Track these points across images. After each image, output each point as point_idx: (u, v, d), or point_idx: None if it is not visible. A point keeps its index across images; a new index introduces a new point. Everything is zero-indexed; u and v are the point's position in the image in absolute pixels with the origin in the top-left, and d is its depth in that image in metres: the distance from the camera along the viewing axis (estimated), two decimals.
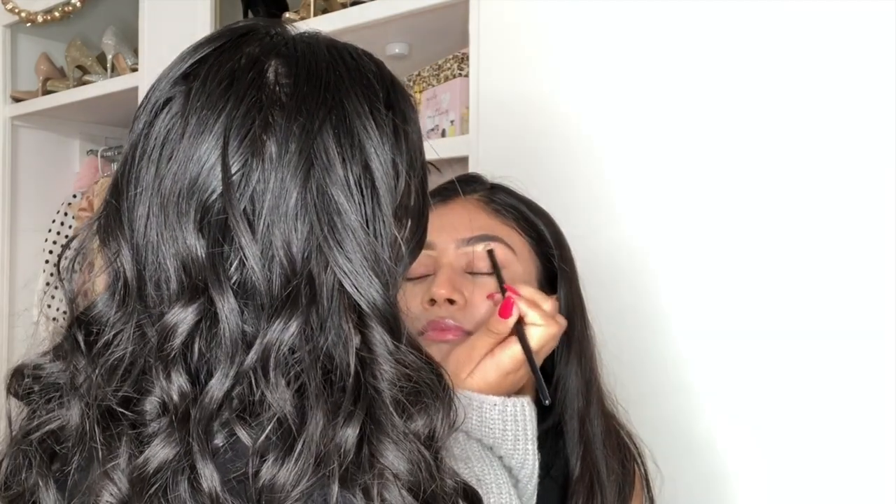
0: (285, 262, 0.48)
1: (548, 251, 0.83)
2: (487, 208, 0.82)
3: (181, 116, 0.50)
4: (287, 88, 0.50)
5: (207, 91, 0.50)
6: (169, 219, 0.49)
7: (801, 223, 0.92)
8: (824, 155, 0.91)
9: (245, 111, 0.49)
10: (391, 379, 0.49)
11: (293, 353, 0.47)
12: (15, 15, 2.01)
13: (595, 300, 0.84)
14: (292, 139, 0.48)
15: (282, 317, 0.47)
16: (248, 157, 0.48)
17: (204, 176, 0.48)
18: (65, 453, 0.50)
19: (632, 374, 0.99)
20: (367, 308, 0.49)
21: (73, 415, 0.49)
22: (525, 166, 1.13)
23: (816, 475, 0.91)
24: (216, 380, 0.47)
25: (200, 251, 0.48)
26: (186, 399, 0.47)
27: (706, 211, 0.99)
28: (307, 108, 0.49)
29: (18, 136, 2.12)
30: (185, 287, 0.48)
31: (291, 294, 0.47)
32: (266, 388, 0.47)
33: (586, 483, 0.77)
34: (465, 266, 0.79)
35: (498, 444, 0.69)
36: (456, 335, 0.77)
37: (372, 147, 0.50)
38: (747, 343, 0.95)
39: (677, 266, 1.01)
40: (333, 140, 0.49)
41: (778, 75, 0.94)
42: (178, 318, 0.48)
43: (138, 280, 0.50)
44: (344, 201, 0.49)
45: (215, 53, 0.52)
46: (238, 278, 0.48)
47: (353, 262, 0.49)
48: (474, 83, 1.20)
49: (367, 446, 0.47)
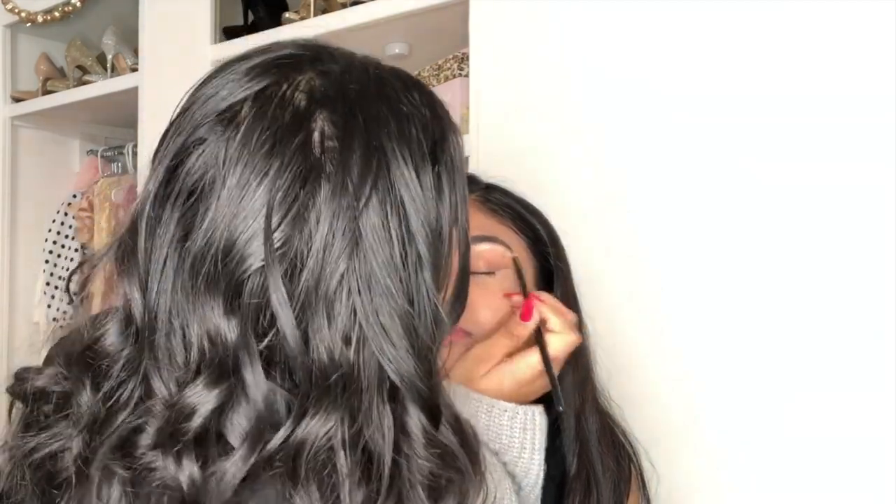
0: (322, 348, 0.44)
1: (543, 250, 0.83)
2: (483, 208, 0.82)
3: (216, 169, 0.46)
4: (334, 154, 0.46)
5: (249, 148, 0.45)
6: (196, 284, 0.45)
7: (796, 219, 0.92)
8: (821, 154, 0.91)
9: (290, 182, 0.44)
10: (426, 470, 0.45)
11: (329, 449, 0.43)
12: (15, 15, 2.01)
13: (589, 298, 0.85)
14: (337, 217, 0.44)
15: (321, 409, 0.43)
16: (290, 234, 0.44)
17: (240, 247, 0.44)
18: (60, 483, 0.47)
19: (628, 373, 0.99)
20: (407, 393, 0.46)
21: (73, 448, 0.46)
22: (525, 166, 1.13)
23: (814, 475, 0.91)
24: (236, 459, 0.43)
25: (232, 332, 0.44)
26: (196, 487, 0.43)
27: (703, 210, 0.99)
28: (353, 182, 0.45)
29: (18, 136, 2.12)
30: (208, 361, 0.44)
31: (331, 385, 0.44)
32: (293, 487, 0.43)
33: (583, 480, 0.77)
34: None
35: (504, 450, 0.69)
36: (456, 336, 0.76)
37: (419, 218, 0.47)
38: (745, 342, 0.95)
39: (675, 265, 1.01)
40: (379, 216, 0.45)
41: (778, 75, 0.94)
42: (198, 399, 0.44)
43: (150, 329, 0.46)
44: (390, 282, 0.45)
45: (259, 96, 0.47)
46: (268, 356, 0.45)
47: (397, 348, 0.45)
48: (474, 83, 1.20)
49: None
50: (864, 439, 0.88)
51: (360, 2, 1.39)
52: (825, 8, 0.91)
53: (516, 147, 1.15)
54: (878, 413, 0.87)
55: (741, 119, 0.96)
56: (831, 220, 0.90)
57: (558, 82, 1.12)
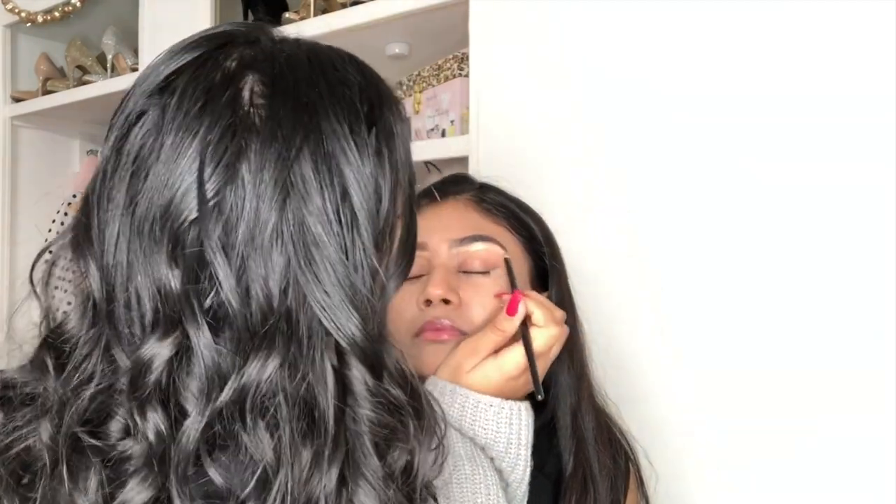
0: (261, 296, 0.45)
1: (538, 249, 0.83)
2: (478, 208, 0.83)
3: (155, 134, 0.47)
4: (263, 110, 0.47)
5: (183, 110, 0.47)
6: (143, 244, 0.47)
7: (795, 219, 0.92)
8: (820, 154, 0.91)
9: (220, 136, 0.46)
10: (371, 420, 0.47)
11: (271, 394, 0.45)
12: (15, 15, 2.01)
13: (587, 298, 0.85)
14: (267, 167, 0.46)
15: (259, 355, 0.45)
16: (222, 186, 0.46)
17: (177, 202, 0.46)
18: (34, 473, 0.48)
19: (625, 372, 0.99)
20: (345, 345, 0.47)
21: (43, 434, 0.47)
22: (525, 166, 1.13)
23: (813, 474, 0.91)
24: (192, 419, 0.45)
25: (175, 283, 0.46)
26: (163, 439, 0.45)
27: (701, 210, 0.99)
28: (283, 133, 0.47)
29: (18, 136, 2.12)
30: (159, 318, 0.46)
31: (269, 331, 0.45)
32: (242, 430, 0.45)
33: (579, 479, 0.78)
34: (459, 266, 0.79)
35: (490, 444, 0.69)
36: (451, 335, 0.77)
37: (351, 172, 0.48)
38: (743, 340, 0.95)
39: (673, 265, 1.01)
40: (311, 167, 0.47)
41: (778, 75, 0.94)
42: (152, 352, 0.45)
43: (107, 301, 0.48)
44: (322, 232, 0.46)
45: (192, 66, 0.49)
46: (214, 310, 0.46)
47: (331, 297, 0.46)
48: (474, 83, 1.20)
49: (344, 489, 0.46)
50: (864, 439, 0.88)
51: (360, 2, 1.39)
52: (825, 8, 0.91)
53: (516, 147, 1.15)
54: (878, 413, 0.87)
55: (741, 119, 0.96)
56: (831, 220, 0.90)
57: (558, 82, 1.12)
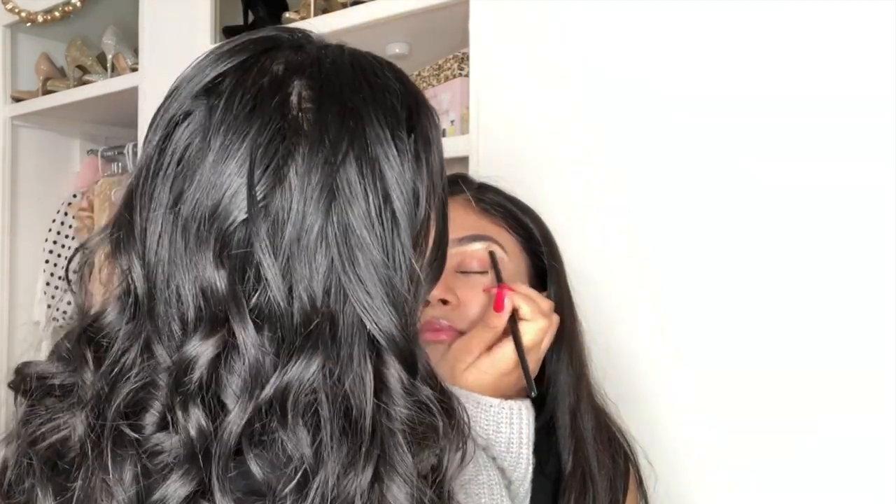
0: (305, 296, 0.47)
1: (537, 248, 0.83)
2: (476, 208, 0.83)
3: (202, 136, 0.48)
4: (310, 114, 0.49)
5: (232, 112, 0.48)
6: (189, 244, 0.47)
7: (794, 219, 0.92)
8: (820, 154, 0.91)
9: (269, 139, 0.47)
10: (405, 419, 0.48)
11: (313, 393, 0.46)
12: (15, 15, 2.01)
13: (585, 298, 0.85)
14: (315, 171, 0.47)
15: (302, 355, 0.46)
16: (271, 189, 0.47)
17: (226, 203, 0.47)
18: (66, 466, 0.49)
19: (625, 371, 0.99)
20: (385, 343, 0.48)
21: (78, 427, 0.48)
22: (525, 166, 1.13)
23: (813, 474, 0.91)
24: (234, 414, 0.46)
25: (221, 283, 0.47)
26: (205, 435, 0.46)
27: (701, 210, 0.99)
28: (330, 138, 0.48)
29: (18, 136, 2.12)
30: (203, 317, 0.47)
31: (312, 331, 0.47)
32: (282, 429, 0.46)
33: (578, 478, 0.78)
34: (457, 266, 0.79)
35: (491, 444, 0.69)
36: (449, 335, 0.77)
37: (393, 177, 0.49)
38: (742, 340, 0.95)
39: (672, 264, 1.01)
40: (356, 171, 0.48)
41: (777, 76, 0.94)
42: (197, 350, 0.46)
43: (149, 297, 0.49)
44: (366, 234, 0.48)
45: (239, 68, 0.50)
46: (258, 310, 0.47)
47: (373, 298, 0.48)
48: (474, 83, 1.20)
49: (377, 484, 0.47)
50: (864, 439, 0.88)
51: (360, 2, 1.39)
52: (825, 8, 0.91)
53: (516, 147, 1.15)
54: (878, 413, 0.87)
55: (740, 119, 0.96)
56: (831, 220, 0.90)
57: (558, 82, 1.12)
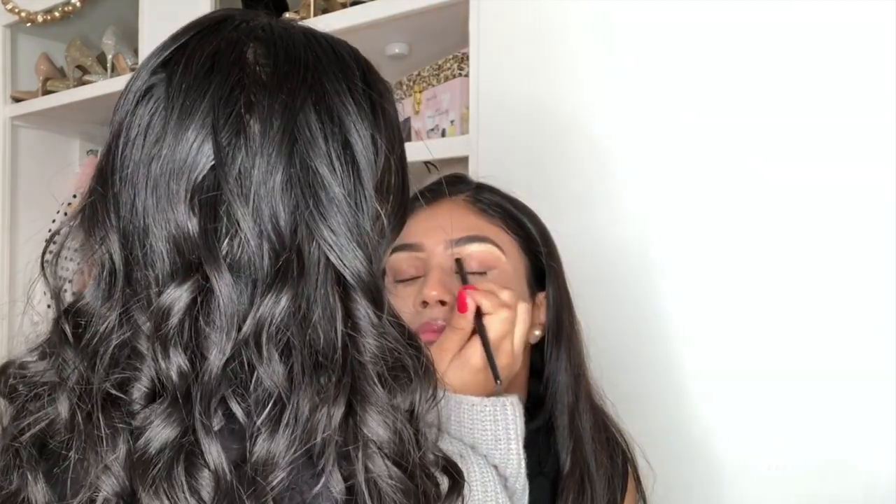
0: (274, 236, 0.48)
1: (535, 249, 0.83)
2: (474, 208, 0.83)
3: (165, 101, 0.50)
4: (267, 68, 0.51)
5: (191, 74, 0.50)
6: (160, 201, 0.49)
7: (793, 219, 0.92)
8: (820, 154, 0.91)
9: (228, 91, 0.49)
10: (375, 352, 0.50)
11: (285, 327, 0.48)
12: (15, 15, 2.01)
13: (584, 297, 0.85)
14: (275, 117, 0.49)
15: (273, 291, 0.48)
16: (234, 136, 0.49)
17: (193, 155, 0.49)
18: (54, 449, 0.49)
19: (623, 371, 0.99)
20: (351, 280, 0.50)
21: (62, 409, 0.49)
22: (524, 166, 1.13)
23: (812, 474, 0.91)
24: (214, 356, 0.47)
25: (193, 227, 0.48)
26: (187, 378, 0.47)
27: (700, 210, 0.99)
28: (288, 87, 0.50)
29: (18, 136, 2.12)
30: (178, 266, 0.49)
31: (281, 268, 0.48)
32: (259, 362, 0.47)
33: (576, 478, 0.78)
34: (455, 267, 0.79)
35: (478, 443, 0.69)
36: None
37: (351, 122, 0.51)
38: (741, 339, 0.95)
39: (671, 264, 1.01)
40: (315, 117, 0.50)
41: (777, 76, 0.94)
42: (172, 297, 0.48)
43: (126, 265, 0.50)
44: (328, 174, 0.50)
45: (195, 39, 0.53)
46: (230, 254, 0.49)
47: (337, 235, 0.50)
48: (474, 83, 1.20)
49: (352, 418, 0.48)
50: (864, 438, 0.88)
51: (360, 2, 1.39)
52: (825, 8, 0.91)
53: (516, 147, 1.15)
54: (877, 413, 0.87)
55: (740, 119, 0.96)
56: (830, 220, 0.90)
57: (558, 82, 1.12)
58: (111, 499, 0.47)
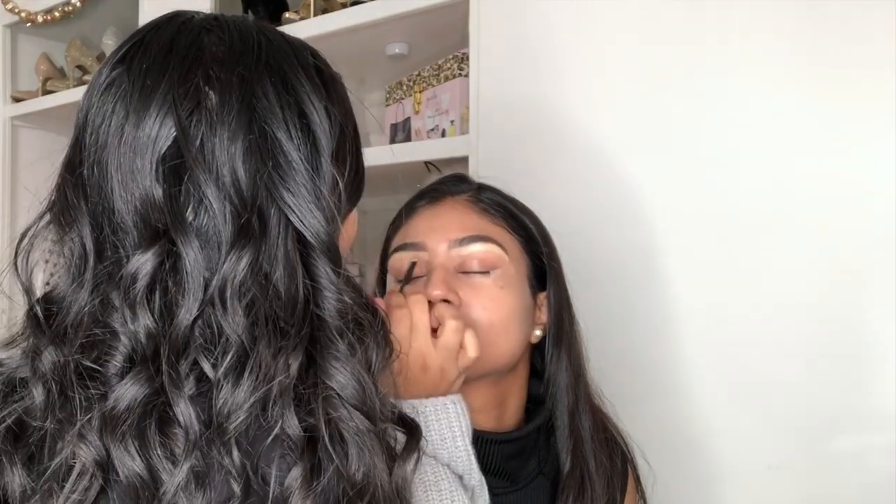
0: (236, 199, 0.50)
1: (536, 249, 0.83)
2: (476, 208, 0.83)
3: (127, 86, 0.52)
4: (223, 47, 0.54)
5: (150, 57, 0.53)
6: (126, 178, 0.51)
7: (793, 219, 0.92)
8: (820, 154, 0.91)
9: (187, 69, 0.52)
10: (334, 308, 0.52)
11: (248, 283, 0.50)
12: (15, 15, 2.02)
13: (583, 298, 0.85)
14: (233, 88, 0.52)
15: (235, 249, 0.50)
16: (194, 108, 0.51)
17: (156, 130, 0.51)
18: (30, 434, 0.50)
19: (623, 372, 1.00)
20: (311, 239, 0.52)
21: (37, 394, 0.50)
22: (524, 166, 1.13)
23: (812, 474, 0.91)
24: (182, 315, 0.49)
25: (158, 195, 0.50)
26: (155, 338, 0.49)
27: (699, 211, 0.99)
28: (244, 62, 0.53)
29: (18, 136, 2.12)
30: (143, 234, 0.50)
31: (243, 228, 0.50)
32: (223, 318, 0.49)
33: (576, 478, 0.78)
34: (458, 266, 0.79)
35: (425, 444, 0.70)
36: None
37: (305, 94, 0.54)
38: (740, 339, 0.95)
39: (670, 264, 1.01)
40: (271, 88, 0.53)
41: (777, 76, 0.94)
42: (139, 262, 0.50)
43: (97, 244, 0.52)
44: (285, 140, 0.52)
45: (151, 33, 0.55)
46: (196, 220, 0.51)
47: (297, 197, 0.52)
48: (474, 83, 1.20)
49: (312, 368, 0.51)
50: (864, 438, 0.88)
51: (360, 2, 1.39)
52: (825, 8, 0.91)
53: (516, 147, 1.15)
54: (878, 413, 0.87)
55: (740, 119, 0.96)
56: (830, 220, 0.90)
57: (558, 82, 1.12)
58: (88, 467, 0.48)
